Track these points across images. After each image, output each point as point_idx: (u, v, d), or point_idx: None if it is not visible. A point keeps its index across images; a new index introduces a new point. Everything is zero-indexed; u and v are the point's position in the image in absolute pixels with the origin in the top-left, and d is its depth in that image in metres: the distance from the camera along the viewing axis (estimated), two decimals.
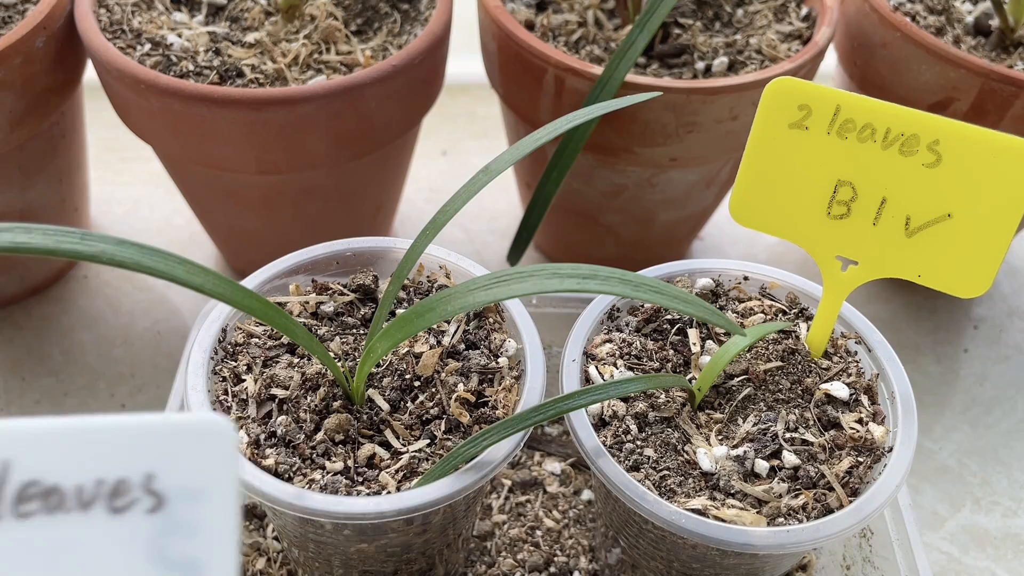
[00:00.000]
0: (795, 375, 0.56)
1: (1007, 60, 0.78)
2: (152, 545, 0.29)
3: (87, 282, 0.91)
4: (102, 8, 0.75)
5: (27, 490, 0.30)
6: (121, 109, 0.75)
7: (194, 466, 0.30)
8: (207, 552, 0.29)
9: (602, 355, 0.58)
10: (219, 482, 0.30)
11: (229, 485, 0.30)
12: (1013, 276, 0.98)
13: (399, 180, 0.87)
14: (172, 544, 0.29)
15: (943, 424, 0.84)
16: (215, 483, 0.30)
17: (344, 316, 0.58)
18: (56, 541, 0.29)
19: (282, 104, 0.67)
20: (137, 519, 0.29)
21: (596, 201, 0.83)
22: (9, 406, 0.80)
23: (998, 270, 0.51)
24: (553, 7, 0.79)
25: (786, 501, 0.51)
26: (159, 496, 0.30)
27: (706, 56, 0.75)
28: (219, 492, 0.30)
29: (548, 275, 0.46)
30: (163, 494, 0.30)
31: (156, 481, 0.30)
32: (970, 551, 0.75)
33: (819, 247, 0.55)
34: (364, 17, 0.77)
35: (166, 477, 0.30)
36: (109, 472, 0.30)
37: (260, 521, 0.70)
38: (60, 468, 0.30)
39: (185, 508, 0.30)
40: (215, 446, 0.30)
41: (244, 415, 0.53)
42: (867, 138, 0.51)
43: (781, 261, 0.97)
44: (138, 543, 0.29)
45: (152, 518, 0.30)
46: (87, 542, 0.29)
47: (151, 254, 0.42)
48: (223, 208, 0.82)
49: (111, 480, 0.30)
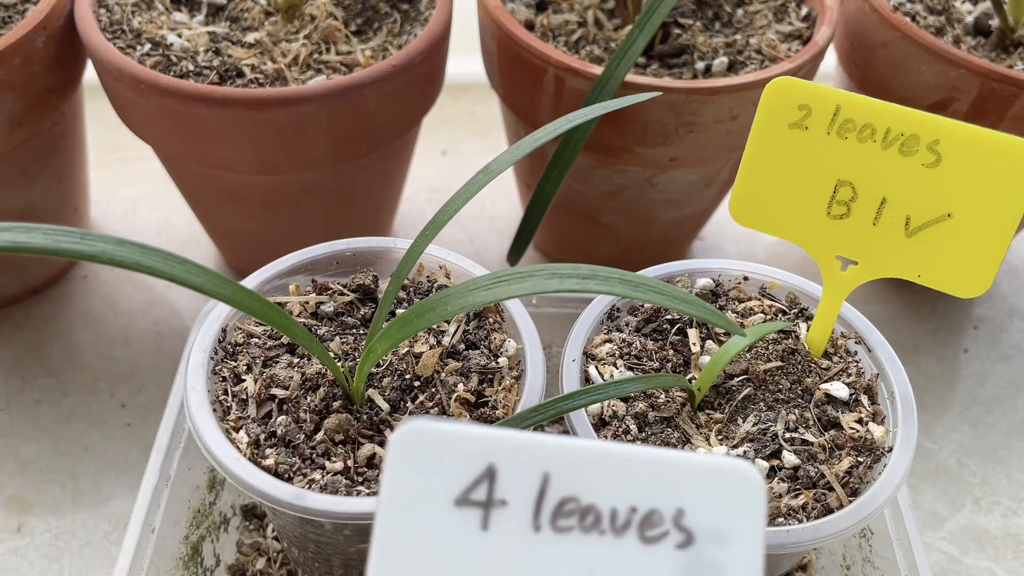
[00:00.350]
0: (795, 375, 0.56)
1: (1007, 60, 0.78)
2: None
3: (87, 282, 0.91)
4: (102, 8, 0.75)
5: (565, 505, 0.31)
6: (121, 109, 0.75)
7: (723, 509, 0.30)
8: None
9: (602, 355, 0.58)
10: (747, 528, 0.30)
11: (756, 532, 0.30)
12: (1013, 276, 0.98)
13: (399, 180, 0.87)
14: None
15: (943, 424, 0.84)
16: (743, 529, 0.30)
17: (344, 316, 0.58)
18: (590, 560, 0.30)
19: (282, 104, 0.67)
20: (667, 551, 0.30)
21: (596, 201, 0.83)
22: (9, 406, 0.80)
23: (998, 270, 0.51)
24: (553, 7, 0.79)
25: (786, 501, 0.51)
26: (688, 533, 0.30)
27: (706, 56, 0.75)
28: (746, 538, 0.30)
29: (548, 275, 0.46)
30: (692, 531, 0.30)
31: (686, 518, 0.30)
32: (970, 551, 0.75)
33: (819, 247, 0.55)
34: (364, 17, 0.77)
35: (696, 515, 0.30)
36: (643, 501, 0.31)
37: (260, 521, 0.70)
38: (597, 489, 0.31)
39: (712, 549, 0.30)
40: (745, 492, 0.31)
41: (244, 415, 0.53)
42: (867, 138, 0.51)
43: (781, 261, 0.97)
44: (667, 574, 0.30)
45: (681, 553, 0.30)
46: (619, 566, 0.30)
47: (151, 254, 0.42)
48: (223, 208, 0.82)
49: (644, 509, 0.30)
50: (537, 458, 0.31)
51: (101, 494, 0.75)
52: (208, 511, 0.67)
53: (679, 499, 0.30)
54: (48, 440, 0.78)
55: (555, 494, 0.31)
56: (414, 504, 0.31)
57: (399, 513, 0.31)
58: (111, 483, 0.76)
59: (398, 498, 0.31)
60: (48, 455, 0.77)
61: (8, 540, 0.72)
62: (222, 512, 0.68)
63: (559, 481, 0.31)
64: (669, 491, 0.31)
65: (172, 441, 0.63)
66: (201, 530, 0.65)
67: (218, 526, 0.67)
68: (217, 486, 0.68)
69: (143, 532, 0.58)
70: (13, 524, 0.73)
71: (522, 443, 0.31)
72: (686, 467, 0.31)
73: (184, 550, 0.63)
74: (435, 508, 0.31)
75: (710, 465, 0.31)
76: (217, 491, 0.68)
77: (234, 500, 0.70)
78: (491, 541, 0.30)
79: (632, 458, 0.31)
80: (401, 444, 0.31)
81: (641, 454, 0.31)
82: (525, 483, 0.31)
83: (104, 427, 0.79)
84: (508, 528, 0.30)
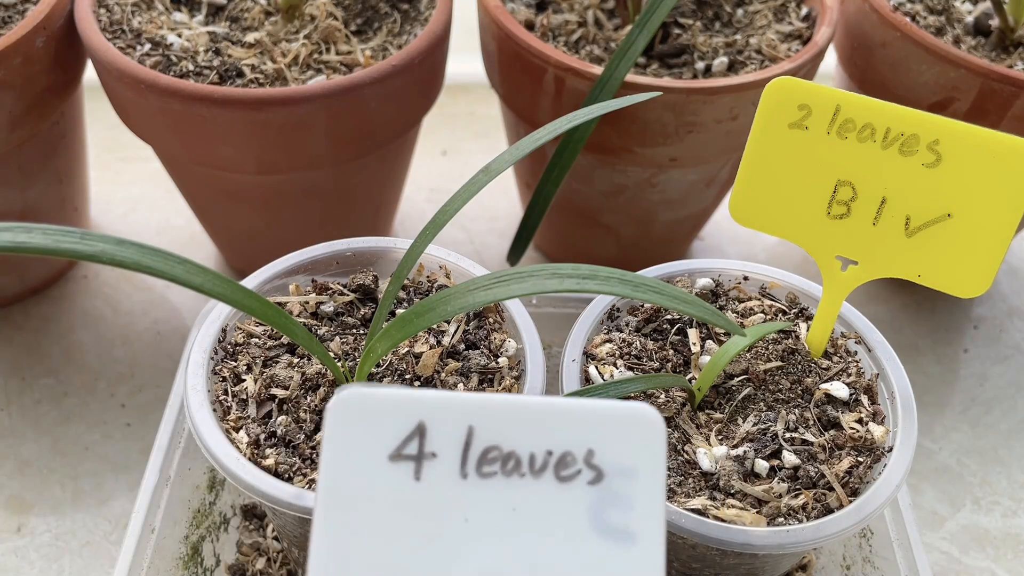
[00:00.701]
0: (795, 375, 0.56)
1: (1007, 60, 0.78)
2: (592, 512, 0.34)
3: (87, 282, 0.91)
4: (102, 8, 0.75)
5: (488, 454, 0.34)
6: (121, 109, 0.75)
7: (628, 447, 0.34)
8: (640, 523, 0.34)
9: (602, 355, 0.58)
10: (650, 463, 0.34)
11: (659, 466, 0.34)
12: (1013, 276, 0.98)
13: (399, 180, 0.87)
14: (609, 513, 0.34)
15: (943, 424, 0.84)
16: (647, 463, 0.34)
17: (344, 316, 0.58)
18: (512, 501, 0.34)
19: (282, 104, 0.67)
20: (580, 488, 0.34)
21: (596, 201, 0.83)
22: (9, 406, 0.80)
23: (998, 270, 0.51)
24: (553, 7, 0.79)
25: (786, 501, 0.51)
26: (598, 470, 0.34)
27: (706, 56, 0.75)
28: (650, 472, 0.34)
29: (548, 275, 0.46)
30: (602, 468, 0.34)
31: (596, 457, 0.34)
32: (970, 551, 0.75)
33: (819, 247, 0.55)
34: (364, 17, 0.77)
35: (604, 454, 0.34)
36: (557, 445, 0.34)
37: (260, 521, 0.70)
38: (516, 438, 0.34)
39: (621, 483, 0.34)
40: (647, 431, 0.34)
41: (244, 415, 0.53)
42: (867, 138, 0.51)
43: (781, 261, 0.97)
44: (580, 509, 0.34)
45: (593, 488, 0.34)
46: (538, 504, 0.34)
47: (151, 254, 0.42)
48: (223, 208, 0.82)
49: (558, 452, 0.34)
50: (462, 413, 0.34)
51: (101, 494, 0.75)
52: (208, 511, 0.67)
53: (589, 441, 0.34)
54: (48, 440, 0.78)
55: (479, 444, 0.34)
56: (353, 461, 0.34)
57: (339, 471, 0.34)
58: (111, 483, 0.76)
59: (338, 457, 0.34)
60: (48, 455, 0.77)
61: (8, 540, 0.72)
62: (222, 512, 0.68)
63: (482, 433, 0.34)
64: (580, 435, 0.34)
65: (172, 441, 0.63)
66: (201, 530, 0.66)
67: (218, 526, 0.68)
68: (217, 486, 0.68)
69: (143, 532, 0.58)
70: (13, 524, 0.73)
71: (448, 401, 0.35)
72: (594, 412, 0.35)
73: (184, 550, 0.63)
74: (372, 464, 0.34)
75: (615, 409, 0.35)
76: (217, 491, 0.68)
77: (234, 500, 0.70)
78: (424, 490, 0.34)
79: (546, 408, 0.35)
80: (338, 409, 0.34)
81: (554, 404, 0.35)
82: (452, 436, 0.34)
83: (104, 427, 0.79)
84: (438, 477, 0.34)
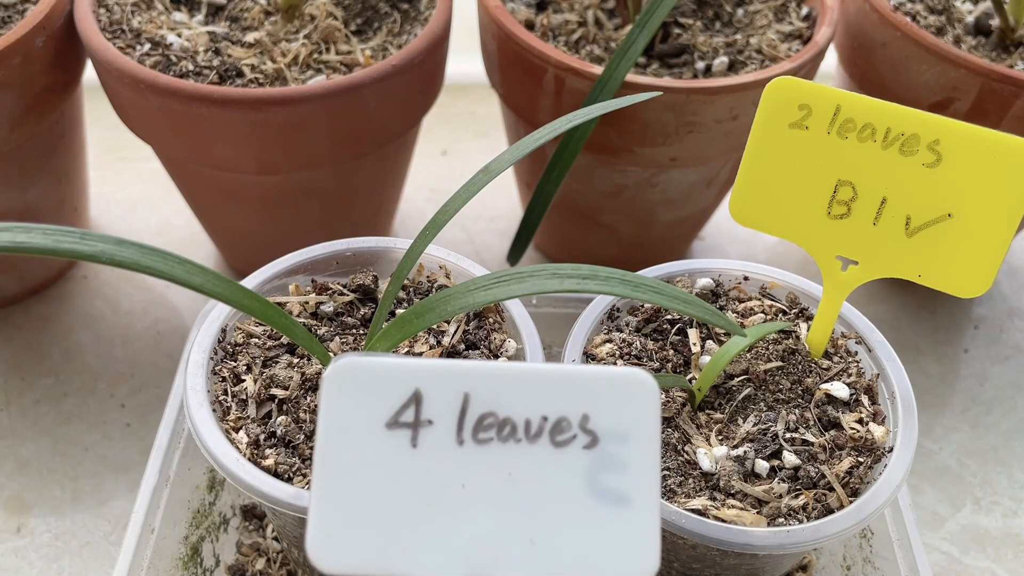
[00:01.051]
0: (795, 375, 0.56)
1: (1007, 60, 0.78)
2: (587, 475, 0.34)
3: (87, 282, 0.91)
4: (102, 8, 0.75)
5: (484, 420, 0.34)
6: (121, 109, 0.75)
7: (622, 412, 0.35)
8: (634, 487, 0.34)
9: (602, 355, 0.58)
10: (644, 427, 0.34)
11: (653, 430, 0.35)
12: (1013, 276, 0.98)
13: (399, 180, 0.87)
14: (604, 476, 0.34)
15: (943, 424, 0.84)
16: (641, 427, 0.34)
17: (344, 316, 0.58)
18: (509, 466, 0.34)
19: (282, 104, 0.67)
20: (575, 452, 0.34)
21: (596, 201, 0.83)
22: (9, 406, 0.80)
23: (998, 270, 0.51)
24: (553, 7, 0.79)
25: (786, 501, 0.51)
26: (593, 435, 0.34)
27: (706, 56, 0.75)
28: (644, 436, 0.34)
29: (548, 275, 0.46)
30: (596, 433, 0.34)
31: (591, 422, 0.35)
32: (970, 551, 0.75)
33: (819, 247, 0.55)
34: (364, 17, 0.77)
35: (599, 419, 0.35)
36: (552, 411, 0.35)
37: (260, 521, 0.70)
38: (512, 404, 0.35)
39: (615, 447, 0.34)
40: (641, 396, 0.35)
41: (244, 415, 0.53)
42: (867, 138, 0.51)
43: (781, 261, 0.97)
44: (576, 473, 0.34)
45: (588, 453, 0.34)
46: (535, 468, 0.34)
47: (151, 254, 0.42)
48: (223, 208, 0.82)
49: (554, 418, 0.35)
50: (458, 381, 0.35)
51: (101, 494, 0.75)
52: (208, 511, 0.67)
53: (584, 406, 0.35)
54: (48, 440, 0.78)
55: (475, 411, 0.34)
56: (350, 430, 0.34)
57: (337, 439, 0.34)
58: (111, 483, 0.76)
59: (335, 426, 0.34)
60: (48, 455, 0.77)
61: (8, 540, 0.72)
62: (222, 512, 0.68)
63: (478, 399, 0.34)
64: (575, 400, 0.35)
65: (172, 441, 0.63)
66: (201, 530, 0.65)
67: (218, 526, 0.67)
68: (217, 486, 0.68)
69: (143, 532, 0.58)
70: (13, 524, 0.73)
71: (444, 369, 0.35)
72: (588, 377, 0.35)
73: (184, 550, 0.63)
74: (369, 432, 0.34)
75: (609, 374, 0.35)
76: (217, 491, 0.68)
77: (234, 500, 0.70)
78: (420, 456, 0.34)
79: (541, 374, 0.35)
80: (335, 378, 0.35)
81: (548, 370, 0.35)
82: (448, 404, 0.34)
83: (104, 427, 0.79)
84: (435, 444, 0.34)
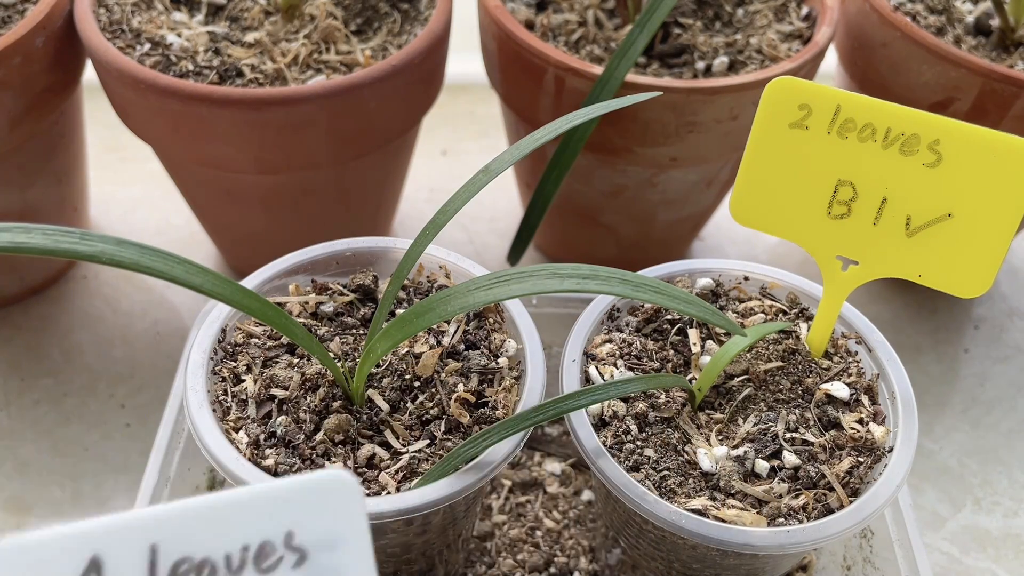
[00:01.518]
0: (795, 375, 0.56)
1: (1007, 60, 0.78)
2: None
3: (86, 282, 0.91)
4: (102, 8, 0.75)
5: (179, 568, 0.31)
6: (121, 109, 0.75)
7: (325, 519, 0.32)
8: None
9: (602, 355, 0.58)
10: (351, 529, 0.32)
11: (361, 531, 0.32)
12: (1013, 276, 0.98)
13: (399, 180, 0.87)
14: None
15: (943, 424, 0.84)
16: (348, 530, 0.32)
17: (344, 316, 0.58)
18: None
19: (282, 104, 0.67)
20: (285, 574, 0.32)
21: (596, 201, 0.83)
22: (8, 406, 0.80)
23: (998, 270, 0.51)
24: (553, 7, 0.79)
25: (786, 501, 0.51)
26: (301, 551, 0.32)
27: (706, 56, 0.75)
28: (353, 538, 0.32)
29: (548, 275, 0.46)
30: (304, 548, 0.32)
31: (295, 538, 0.32)
32: (971, 551, 0.75)
33: (819, 247, 0.55)
34: (364, 17, 0.77)
35: (303, 533, 0.32)
36: (253, 538, 0.32)
37: None
38: (206, 542, 0.32)
39: (326, 557, 0.32)
40: (342, 496, 0.32)
41: (244, 415, 0.53)
42: (867, 138, 0.51)
43: (781, 261, 0.97)
44: None
45: (298, 571, 0.32)
46: None
47: (151, 254, 0.42)
48: (223, 208, 0.82)
49: (255, 544, 0.32)
50: (138, 534, 0.31)
51: (101, 495, 0.75)
52: None
53: (285, 524, 0.32)
54: (48, 441, 0.78)
55: (166, 562, 0.31)
56: None
57: None
58: (111, 484, 0.76)
59: None
60: (48, 456, 0.77)
61: None
62: None
63: (167, 548, 0.31)
64: (274, 520, 0.32)
65: (172, 441, 0.63)
66: None
67: None
68: (217, 486, 0.68)
69: None
70: (13, 524, 0.73)
71: (121, 524, 0.31)
72: (283, 493, 0.32)
73: None
74: None
75: (304, 483, 0.32)
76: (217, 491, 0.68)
77: None
78: None
79: (231, 503, 0.32)
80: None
81: (238, 496, 0.32)
82: (133, 562, 0.31)
83: (104, 428, 0.79)
84: None
